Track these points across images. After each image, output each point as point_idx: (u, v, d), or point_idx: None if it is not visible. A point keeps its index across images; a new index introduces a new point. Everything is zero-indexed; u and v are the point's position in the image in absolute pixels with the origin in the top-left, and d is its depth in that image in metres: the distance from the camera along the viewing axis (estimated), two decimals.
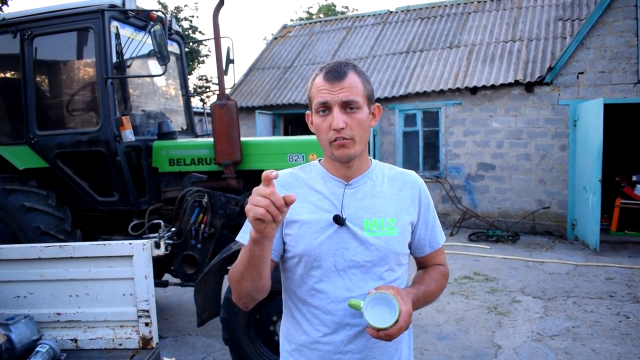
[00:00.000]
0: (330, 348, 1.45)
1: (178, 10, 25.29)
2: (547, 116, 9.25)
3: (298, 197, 1.42)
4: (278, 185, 1.49)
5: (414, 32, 12.10)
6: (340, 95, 1.38)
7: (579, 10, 10.36)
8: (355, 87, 1.40)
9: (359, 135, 1.41)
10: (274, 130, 12.23)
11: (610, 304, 5.37)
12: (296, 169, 1.57)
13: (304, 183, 1.52)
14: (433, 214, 1.59)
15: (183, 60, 5.42)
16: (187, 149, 4.52)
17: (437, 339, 4.55)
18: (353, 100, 1.39)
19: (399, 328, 1.28)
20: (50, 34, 4.40)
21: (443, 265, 1.65)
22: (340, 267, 1.44)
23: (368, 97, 1.44)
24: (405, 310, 1.30)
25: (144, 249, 2.88)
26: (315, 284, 1.46)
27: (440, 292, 1.60)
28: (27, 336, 2.82)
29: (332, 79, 1.39)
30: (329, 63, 1.45)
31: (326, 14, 27.59)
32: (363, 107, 1.41)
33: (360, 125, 1.41)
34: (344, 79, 1.39)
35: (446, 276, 1.65)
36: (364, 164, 1.51)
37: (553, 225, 9.34)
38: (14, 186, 4.32)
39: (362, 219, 1.45)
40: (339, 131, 1.38)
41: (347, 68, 1.42)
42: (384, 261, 1.45)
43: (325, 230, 1.44)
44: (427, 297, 1.52)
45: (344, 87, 1.38)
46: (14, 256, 3.03)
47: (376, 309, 1.30)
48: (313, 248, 1.44)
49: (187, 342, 4.58)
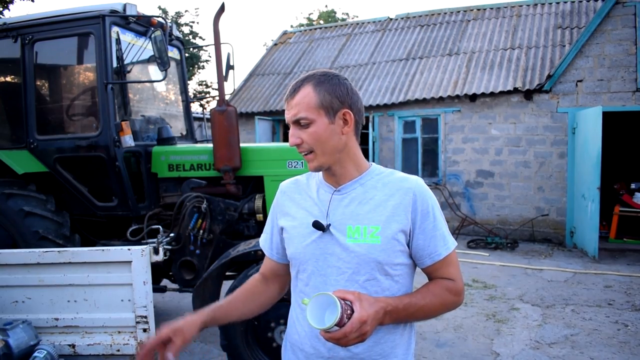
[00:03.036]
0: (313, 352, 1.48)
1: (179, 15, 25.39)
2: (546, 124, 9.27)
3: (295, 202, 1.58)
4: (280, 191, 1.65)
5: (414, 39, 12.14)
6: (290, 114, 1.44)
7: (577, 19, 10.41)
8: (304, 102, 1.42)
9: (318, 147, 1.43)
10: (274, 136, 12.24)
11: (609, 312, 5.37)
12: (302, 175, 1.65)
13: (303, 189, 1.59)
14: (434, 222, 1.46)
15: (183, 65, 5.43)
16: (186, 155, 4.52)
17: (436, 347, 4.54)
18: (301, 117, 1.42)
19: (343, 333, 1.22)
20: (51, 39, 4.41)
21: (451, 279, 1.49)
22: (323, 272, 1.47)
23: (326, 107, 1.42)
24: (357, 316, 1.23)
25: (142, 254, 2.88)
26: (303, 287, 1.52)
27: (441, 307, 1.48)
28: (24, 341, 2.82)
29: (287, 99, 1.46)
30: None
31: (326, 20, 27.68)
32: (317, 119, 1.42)
33: (316, 138, 1.42)
34: (294, 96, 1.44)
35: (454, 292, 1.48)
36: (351, 171, 1.50)
37: (552, 233, 9.34)
38: (13, 190, 4.32)
39: (345, 225, 1.45)
40: (297, 147, 1.45)
41: (302, 82, 1.45)
42: (364, 269, 1.42)
43: (311, 235, 1.48)
44: (415, 310, 1.42)
45: (292, 105, 1.44)
46: (13, 261, 3.03)
47: (330, 311, 1.24)
48: (299, 252, 1.51)
49: (185, 348, 4.56)
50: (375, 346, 1.43)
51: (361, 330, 1.24)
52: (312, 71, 1.49)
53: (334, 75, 1.46)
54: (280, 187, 1.66)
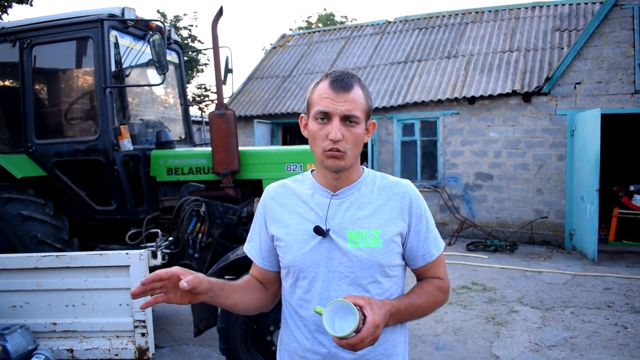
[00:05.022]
0: (317, 358, 1.46)
1: (177, 19, 25.40)
2: (545, 126, 9.28)
3: (286, 208, 1.53)
4: (268, 197, 1.58)
5: (412, 42, 12.16)
6: (344, 108, 1.38)
7: (576, 21, 10.43)
8: (358, 102, 1.40)
9: (352, 149, 1.42)
10: (273, 139, 12.24)
11: (608, 314, 5.36)
12: (288, 179, 1.60)
13: (293, 194, 1.54)
14: (427, 225, 1.52)
15: (182, 69, 5.43)
16: (185, 158, 4.52)
17: (435, 349, 4.53)
18: (354, 115, 1.39)
19: (361, 339, 1.24)
20: (49, 43, 4.42)
21: (441, 278, 1.57)
22: (325, 278, 1.45)
23: (367, 112, 1.44)
24: (371, 321, 1.26)
25: (140, 259, 2.88)
26: (303, 295, 1.49)
27: (434, 305, 1.54)
28: (22, 346, 2.81)
29: (337, 89, 1.38)
30: (336, 71, 1.44)
31: (325, 23, 27.72)
32: (362, 122, 1.42)
33: (356, 140, 1.41)
34: (349, 91, 1.39)
35: (443, 290, 1.56)
36: (353, 175, 1.51)
37: (551, 235, 9.34)
38: (11, 195, 4.32)
39: (345, 230, 1.45)
40: (335, 142, 1.38)
41: (353, 80, 1.41)
42: (367, 273, 1.44)
43: (310, 241, 1.46)
44: (414, 310, 1.47)
45: (347, 99, 1.38)
46: (11, 265, 3.02)
47: (340, 317, 1.28)
48: (298, 259, 1.47)
49: (184, 352, 4.55)
50: (378, 346, 1.43)
51: (375, 334, 1.28)
52: (345, 69, 1.46)
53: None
54: (266, 192, 1.59)
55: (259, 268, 1.62)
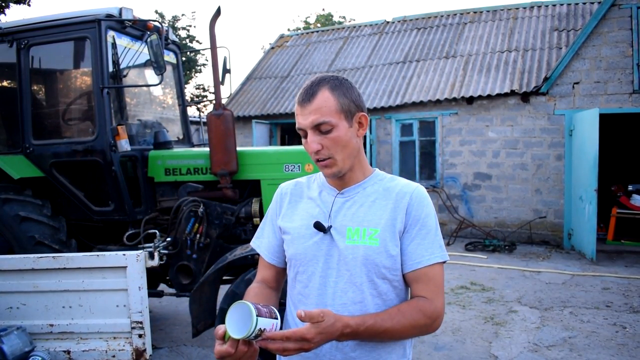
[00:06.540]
0: (310, 355, 1.44)
1: (175, 19, 25.39)
2: (543, 126, 9.28)
3: (296, 204, 1.58)
4: (280, 193, 1.64)
5: (411, 42, 12.16)
6: (310, 120, 1.40)
7: (574, 21, 10.44)
8: (325, 106, 1.39)
9: (338, 152, 1.42)
10: (271, 139, 12.23)
11: (607, 314, 5.36)
12: (302, 178, 1.65)
13: (304, 191, 1.59)
14: (423, 230, 1.44)
15: (180, 69, 5.42)
16: (183, 159, 4.51)
17: (434, 350, 4.53)
18: (323, 122, 1.39)
19: (283, 347, 1.20)
20: (47, 44, 4.40)
21: (427, 298, 1.41)
22: (324, 274, 1.46)
23: (345, 111, 1.42)
24: (300, 333, 1.20)
25: (137, 260, 2.87)
26: (302, 290, 1.51)
27: (412, 330, 1.40)
28: (19, 348, 2.80)
29: (302, 102, 1.41)
30: (305, 83, 1.46)
31: (323, 24, 27.71)
32: (338, 124, 1.40)
33: (337, 144, 1.41)
34: (312, 100, 1.40)
35: (428, 314, 1.38)
36: (359, 174, 1.52)
37: (549, 235, 9.34)
38: (8, 195, 4.30)
39: (346, 227, 1.46)
40: (316, 153, 1.41)
41: (317, 87, 1.41)
42: (361, 271, 1.42)
43: (312, 236, 1.48)
44: (381, 332, 1.34)
45: (311, 109, 1.39)
46: (7, 267, 3.01)
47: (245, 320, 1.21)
48: (299, 253, 1.49)
49: (182, 352, 4.54)
50: (372, 351, 1.43)
51: (302, 346, 1.21)
52: (318, 75, 1.47)
53: (343, 79, 1.47)
54: (279, 189, 1.65)
55: (266, 266, 1.63)
